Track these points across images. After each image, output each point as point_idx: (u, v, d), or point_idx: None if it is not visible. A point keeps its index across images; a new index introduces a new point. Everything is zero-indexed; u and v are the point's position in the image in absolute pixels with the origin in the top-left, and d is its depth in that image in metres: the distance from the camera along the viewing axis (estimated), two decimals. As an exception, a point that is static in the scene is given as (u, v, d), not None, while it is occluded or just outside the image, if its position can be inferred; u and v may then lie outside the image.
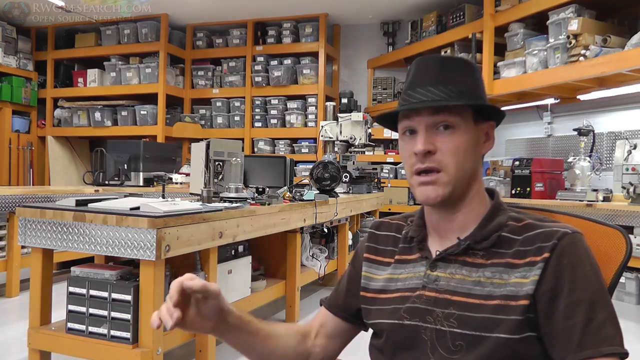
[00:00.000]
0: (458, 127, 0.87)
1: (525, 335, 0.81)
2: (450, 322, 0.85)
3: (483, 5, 4.61)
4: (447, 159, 0.87)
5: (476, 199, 0.92)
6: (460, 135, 0.87)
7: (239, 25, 6.22)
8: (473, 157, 0.90)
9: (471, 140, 0.89)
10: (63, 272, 3.81)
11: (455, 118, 0.87)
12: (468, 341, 0.83)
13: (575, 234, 0.84)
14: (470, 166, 0.89)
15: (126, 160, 4.43)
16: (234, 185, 2.68)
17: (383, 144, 5.75)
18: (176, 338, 2.18)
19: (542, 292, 0.81)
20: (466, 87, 0.88)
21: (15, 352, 2.58)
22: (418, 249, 0.95)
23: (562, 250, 0.82)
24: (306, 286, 3.53)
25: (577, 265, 0.81)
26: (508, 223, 0.89)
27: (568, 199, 3.82)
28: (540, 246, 0.83)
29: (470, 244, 0.88)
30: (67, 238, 2.04)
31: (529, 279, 0.82)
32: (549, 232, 0.84)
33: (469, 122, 0.89)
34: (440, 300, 0.87)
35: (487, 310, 0.83)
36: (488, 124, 0.93)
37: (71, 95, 6.45)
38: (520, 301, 0.81)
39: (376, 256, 1.02)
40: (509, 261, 0.85)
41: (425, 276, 0.91)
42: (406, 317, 0.90)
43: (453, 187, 0.87)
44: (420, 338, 0.88)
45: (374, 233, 1.05)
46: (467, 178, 0.89)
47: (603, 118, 4.43)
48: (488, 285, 0.85)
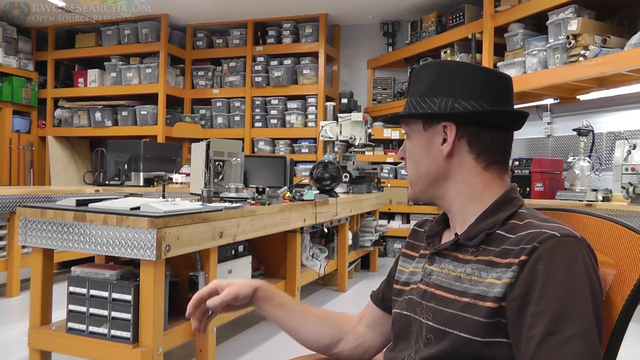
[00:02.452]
0: (411, 135, 0.97)
1: (495, 340, 0.78)
2: (428, 314, 0.87)
3: (483, 5, 4.61)
4: (407, 163, 0.98)
5: (463, 198, 0.91)
6: (412, 141, 0.96)
7: (239, 26, 6.22)
8: (430, 160, 0.93)
9: (421, 144, 0.94)
10: (63, 272, 3.81)
11: (407, 127, 0.97)
12: (436, 335, 0.84)
13: (563, 238, 0.77)
14: (427, 168, 0.93)
15: (126, 160, 4.44)
16: (234, 185, 2.68)
17: (383, 144, 5.75)
18: (176, 338, 2.18)
19: (512, 298, 0.76)
20: (420, 93, 0.93)
21: (15, 351, 2.59)
22: (427, 243, 0.99)
23: (540, 254, 0.76)
24: (306, 286, 3.53)
25: (552, 272, 0.74)
26: (510, 220, 0.86)
27: (568, 199, 3.82)
28: (522, 248, 0.78)
29: (459, 240, 0.89)
30: (68, 238, 2.04)
31: (500, 281, 0.78)
32: (534, 234, 0.79)
33: (419, 130, 0.94)
34: (427, 293, 0.90)
35: (456, 307, 0.82)
36: (440, 125, 0.91)
37: (71, 95, 6.45)
38: (487, 302, 0.78)
39: (411, 251, 1.05)
40: (492, 259, 0.82)
41: (423, 270, 0.94)
42: (405, 307, 0.94)
43: (417, 188, 0.96)
44: (411, 329, 0.91)
45: (415, 230, 1.09)
46: (428, 180, 0.94)
47: (603, 118, 4.43)
48: (466, 281, 0.84)
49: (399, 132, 5.54)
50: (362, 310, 1.13)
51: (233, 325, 2.96)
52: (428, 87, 0.92)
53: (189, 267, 2.29)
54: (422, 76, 0.94)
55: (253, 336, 2.94)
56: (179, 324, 2.19)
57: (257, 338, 2.89)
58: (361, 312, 1.12)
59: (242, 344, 2.82)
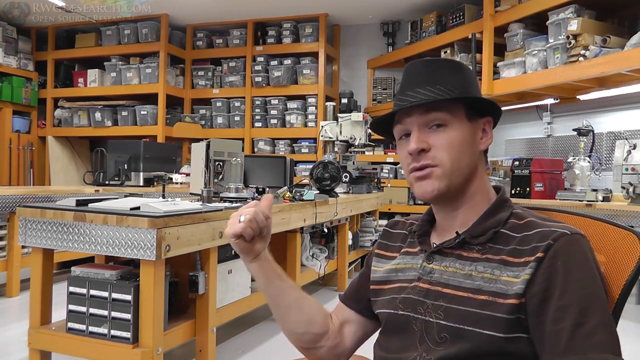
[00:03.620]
0: (450, 124, 0.88)
1: (515, 336, 0.80)
2: (438, 313, 0.86)
3: (483, 5, 4.61)
4: (441, 154, 0.88)
5: (478, 196, 0.92)
6: (452, 131, 0.88)
7: (239, 26, 6.22)
8: (470, 154, 0.90)
9: (466, 136, 0.89)
10: (63, 272, 3.81)
11: (447, 115, 0.88)
12: (452, 333, 0.83)
13: (573, 236, 0.81)
14: (467, 162, 0.89)
15: (126, 160, 4.44)
16: (234, 185, 2.68)
17: (383, 144, 5.75)
18: (176, 338, 2.18)
19: (532, 294, 0.79)
20: (455, 85, 0.89)
21: (15, 352, 2.59)
22: (419, 242, 0.97)
23: (556, 251, 0.80)
24: (306, 286, 3.53)
25: (572, 267, 0.78)
26: (509, 220, 0.89)
27: (568, 199, 3.82)
28: (535, 246, 0.82)
29: (465, 238, 0.89)
30: (68, 238, 2.04)
31: (519, 279, 0.81)
32: (545, 232, 0.82)
33: (462, 119, 0.90)
34: (432, 292, 0.88)
35: (473, 305, 0.83)
36: (484, 119, 0.94)
37: (71, 95, 6.45)
38: (509, 300, 0.80)
39: (385, 252, 1.04)
40: (504, 258, 0.84)
41: (422, 268, 0.92)
42: (400, 307, 0.92)
43: (449, 181, 0.88)
44: (411, 328, 0.89)
45: (388, 231, 1.08)
46: (464, 174, 0.90)
47: (603, 118, 4.43)
48: (478, 279, 0.84)
49: (399, 132, 5.52)
50: (332, 313, 1.09)
51: (233, 325, 2.96)
52: (462, 80, 0.90)
53: (189, 267, 2.28)
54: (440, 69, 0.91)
55: (253, 336, 2.94)
56: (179, 324, 2.19)
57: (257, 338, 2.89)
58: (332, 315, 1.09)
59: (242, 344, 2.82)
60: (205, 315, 2.27)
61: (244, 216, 0.92)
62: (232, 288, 2.59)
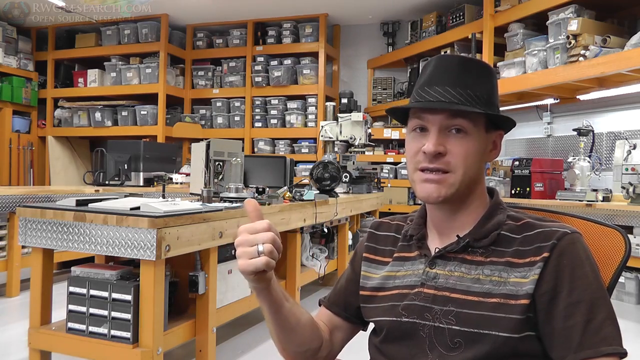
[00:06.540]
0: (470, 133, 0.88)
1: (526, 335, 0.82)
2: (448, 319, 0.85)
3: (483, 5, 4.61)
4: (456, 161, 0.87)
5: (477, 201, 0.93)
6: (471, 141, 0.88)
7: (239, 26, 6.23)
8: (478, 164, 0.90)
9: (480, 147, 0.90)
10: (63, 272, 3.81)
11: (469, 124, 0.87)
12: (467, 338, 0.83)
13: (574, 234, 0.84)
14: (475, 171, 0.90)
15: (126, 160, 4.44)
16: (234, 185, 2.68)
17: (383, 144, 5.75)
18: (176, 338, 2.18)
19: (541, 292, 0.81)
20: (482, 93, 0.88)
21: (15, 352, 2.59)
22: (417, 247, 0.96)
23: (561, 250, 0.82)
24: (306, 286, 3.53)
25: (577, 265, 0.81)
26: (507, 222, 0.90)
27: (568, 199, 3.82)
28: (539, 246, 0.84)
29: (469, 241, 0.89)
30: (68, 238, 2.04)
31: (528, 279, 0.82)
32: (548, 232, 0.85)
33: (481, 130, 0.90)
34: (439, 297, 0.87)
35: (486, 308, 0.83)
36: (497, 133, 0.94)
37: (71, 95, 6.45)
38: (520, 300, 0.82)
39: (375, 256, 1.02)
40: (509, 260, 0.86)
41: (424, 273, 0.91)
42: (404, 314, 0.90)
43: (456, 190, 0.88)
44: (418, 335, 0.88)
45: (373, 233, 1.06)
46: (470, 182, 0.90)
47: (603, 118, 4.44)
48: (487, 282, 0.85)
49: (398, 132, 5.54)
50: (316, 319, 1.05)
51: (233, 325, 2.96)
52: (489, 89, 0.90)
53: (189, 267, 2.28)
54: (472, 71, 0.89)
55: (253, 336, 2.94)
56: (179, 324, 2.19)
57: (257, 338, 2.89)
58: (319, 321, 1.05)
59: (242, 344, 2.82)
60: (205, 315, 2.27)
61: (262, 245, 0.78)
62: (232, 288, 2.59)
